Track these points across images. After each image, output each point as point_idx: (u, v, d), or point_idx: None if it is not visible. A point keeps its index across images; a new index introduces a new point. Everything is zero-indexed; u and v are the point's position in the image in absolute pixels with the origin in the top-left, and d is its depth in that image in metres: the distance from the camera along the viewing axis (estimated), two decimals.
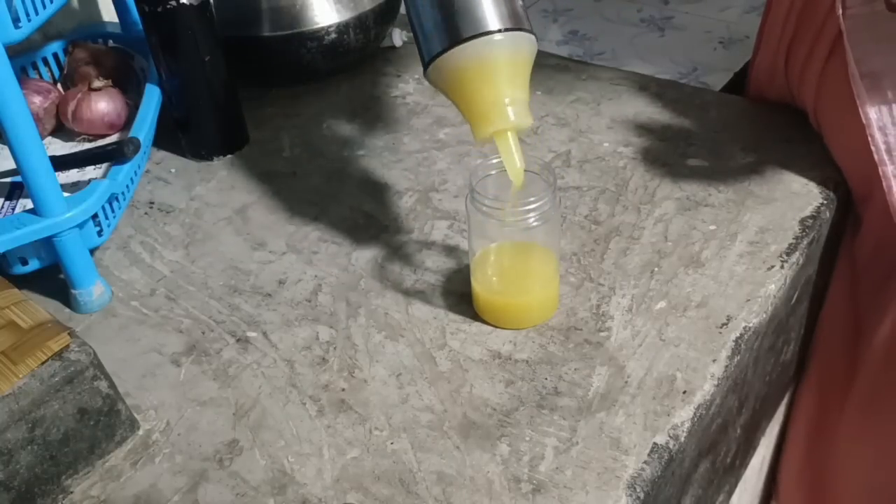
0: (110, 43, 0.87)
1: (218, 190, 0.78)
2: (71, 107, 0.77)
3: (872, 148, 0.66)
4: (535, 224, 0.55)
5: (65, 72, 0.84)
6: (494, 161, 0.57)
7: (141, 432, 0.56)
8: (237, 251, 0.70)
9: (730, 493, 0.78)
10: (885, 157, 0.66)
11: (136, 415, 0.56)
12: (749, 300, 0.61)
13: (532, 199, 0.54)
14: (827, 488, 0.90)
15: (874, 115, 0.65)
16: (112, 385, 0.53)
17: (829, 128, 0.72)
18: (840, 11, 0.64)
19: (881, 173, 0.67)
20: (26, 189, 0.60)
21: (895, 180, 0.66)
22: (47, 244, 0.62)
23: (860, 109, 0.66)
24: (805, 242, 0.66)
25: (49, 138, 0.80)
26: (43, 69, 0.85)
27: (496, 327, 0.60)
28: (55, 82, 0.84)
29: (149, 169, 0.81)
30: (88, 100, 0.77)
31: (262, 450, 0.54)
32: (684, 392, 0.55)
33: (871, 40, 0.64)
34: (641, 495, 0.50)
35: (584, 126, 0.81)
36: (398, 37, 0.95)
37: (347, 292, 0.65)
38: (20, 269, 0.64)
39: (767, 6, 0.77)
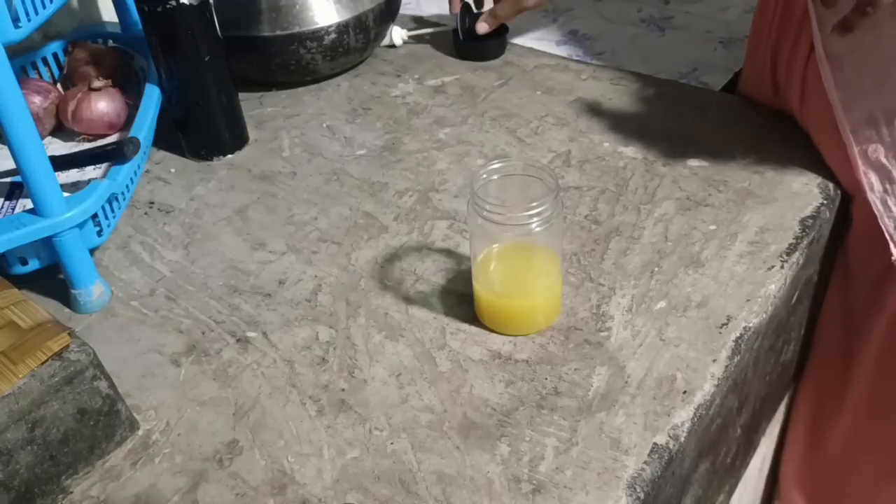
0: (110, 43, 0.87)
1: (218, 190, 0.78)
2: (71, 107, 0.77)
3: (839, 129, 0.67)
4: (537, 229, 0.54)
5: (65, 72, 0.84)
6: (495, 165, 0.57)
7: (141, 432, 0.56)
8: (237, 251, 0.70)
9: (730, 493, 0.78)
10: (852, 138, 0.67)
11: (136, 415, 0.56)
12: (749, 300, 0.61)
13: (534, 203, 0.54)
14: (828, 488, 0.90)
15: (838, 96, 0.67)
16: (112, 385, 0.53)
17: (814, 128, 0.73)
18: None
19: (849, 155, 0.67)
20: (26, 189, 0.60)
21: (861, 159, 0.67)
22: (47, 244, 0.62)
23: (827, 92, 0.67)
24: (805, 242, 0.66)
25: (49, 138, 0.80)
26: (43, 69, 0.85)
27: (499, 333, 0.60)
28: (55, 82, 0.84)
29: (149, 169, 0.81)
30: (88, 100, 0.77)
31: (261, 450, 0.54)
32: (684, 392, 0.55)
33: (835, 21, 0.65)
34: (641, 495, 0.50)
35: (584, 126, 0.81)
36: (398, 36, 0.95)
37: (347, 292, 0.65)
38: (20, 269, 0.64)
39: (755, 15, 0.77)
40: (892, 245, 0.68)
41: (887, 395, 0.77)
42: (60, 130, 0.81)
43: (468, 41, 0.92)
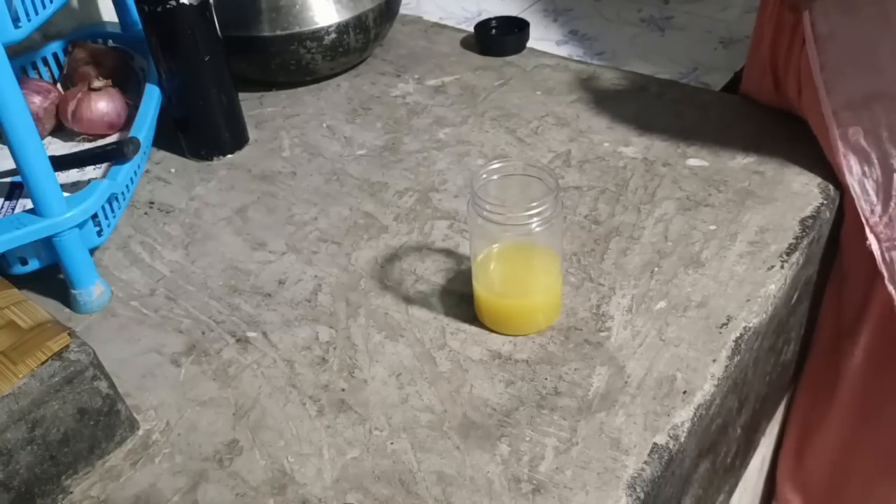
0: (110, 43, 0.87)
1: (218, 190, 0.78)
2: (71, 107, 0.77)
3: (822, 112, 0.67)
4: (537, 229, 0.54)
5: (65, 72, 0.84)
6: (495, 165, 0.57)
7: (141, 432, 0.56)
8: (237, 251, 0.70)
9: (730, 493, 0.78)
10: (833, 121, 0.68)
11: (136, 415, 0.56)
12: (749, 300, 0.61)
13: (534, 203, 0.54)
14: (822, 488, 0.90)
15: (822, 79, 0.67)
16: (112, 385, 0.53)
17: (809, 116, 0.73)
18: None
19: (830, 138, 0.68)
20: (26, 189, 0.60)
21: (841, 142, 0.67)
22: (47, 244, 0.62)
23: (813, 75, 0.68)
24: (805, 242, 0.66)
25: (49, 138, 0.80)
26: (43, 69, 0.85)
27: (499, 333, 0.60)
28: (55, 82, 0.84)
29: (149, 169, 0.81)
30: (88, 100, 0.77)
31: (262, 450, 0.54)
32: (684, 392, 0.55)
33: (824, 3, 0.66)
34: (641, 495, 0.50)
35: (584, 126, 0.81)
36: None
37: (347, 292, 0.65)
38: (20, 269, 0.64)
39: (758, 13, 0.78)
40: (867, 228, 0.68)
41: (877, 395, 0.77)
42: (60, 130, 0.81)
43: None
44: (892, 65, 0.63)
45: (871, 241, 0.68)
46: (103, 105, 0.78)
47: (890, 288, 0.68)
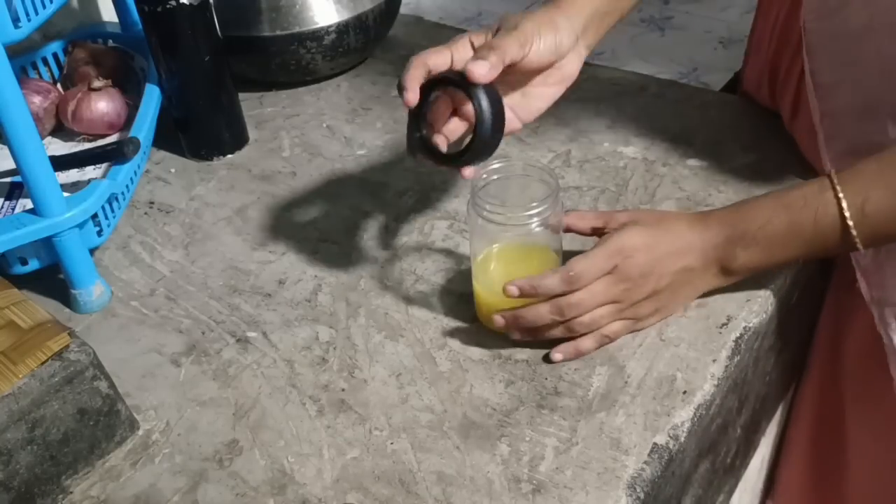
0: (110, 43, 0.87)
1: (218, 190, 0.78)
2: (71, 107, 0.77)
3: (821, 156, 0.67)
4: (537, 229, 0.54)
5: (65, 72, 0.84)
6: (495, 165, 0.57)
7: (141, 432, 0.56)
8: (237, 251, 0.70)
9: (730, 493, 0.78)
10: (831, 167, 0.66)
11: (136, 415, 0.56)
12: (749, 300, 0.61)
13: (534, 203, 0.54)
14: (829, 488, 0.90)
15: (823, 126, 0.66)
16: (112, 385, 0.53)
17: (803, 145, 0.73)
18: (802, 23, 0.65)
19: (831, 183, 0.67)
20: (26, 189, 0.60)
21: (840, 187, 0.67)
22: (47, 244, 0.62)
23: (813, 120, 0.66)
24: None
25: (49, 138, 0.80)
26: (43, 69, 0.85)
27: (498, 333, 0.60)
28: (55, 82, 0.84)
29: (149, 169, 0.81)
30: (88, 100, 0.77)
31: (262, 450, 0.54)
32: (684, 392, 0.55)
33: (826, 54, 0.65)
34: (641, 495, 0.50)
35: (584, 126, 0.81)
36: None
37: (347, 292, 0.65)
38: (20, 269, 0.64)
39: (755, 20, 0.77)
40: (858, 273, 0.67)
41: (880, 395, 0.77)
42: (60, 130, 0.81)
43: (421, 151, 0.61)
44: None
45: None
46: (103, 105, 0.78)
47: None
